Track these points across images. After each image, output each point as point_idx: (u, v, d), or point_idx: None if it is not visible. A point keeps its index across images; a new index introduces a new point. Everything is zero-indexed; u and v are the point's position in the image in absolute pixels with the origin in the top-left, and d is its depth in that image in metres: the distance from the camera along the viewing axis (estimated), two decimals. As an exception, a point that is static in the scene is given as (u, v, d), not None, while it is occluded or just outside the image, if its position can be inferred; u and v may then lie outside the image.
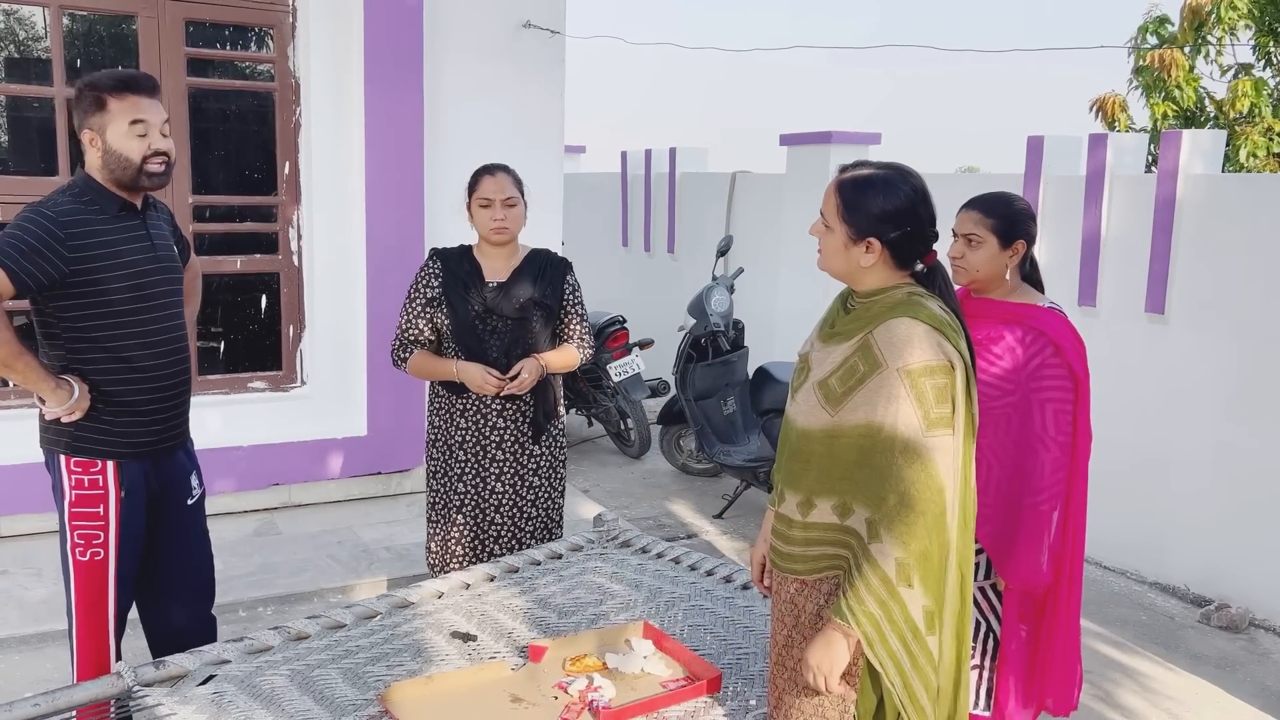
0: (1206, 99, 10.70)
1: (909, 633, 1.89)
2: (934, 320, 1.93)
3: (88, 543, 2.63)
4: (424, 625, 2.79)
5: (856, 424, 1.93)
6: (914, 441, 1.87)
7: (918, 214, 1.99)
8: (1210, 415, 4.49)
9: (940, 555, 1.90)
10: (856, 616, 1.89)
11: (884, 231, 1.97)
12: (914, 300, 1.97)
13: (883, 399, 1.89)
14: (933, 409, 1.87)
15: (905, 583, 1.87)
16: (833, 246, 2.04)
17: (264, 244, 5.14)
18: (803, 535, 2.04)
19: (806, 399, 2.04)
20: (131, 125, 2.51)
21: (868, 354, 1.93)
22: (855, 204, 1.99)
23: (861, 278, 2.04)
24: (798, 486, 2.05)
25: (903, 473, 1.87)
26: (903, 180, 2.01)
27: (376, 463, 5.25)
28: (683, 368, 5.51)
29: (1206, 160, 4.56)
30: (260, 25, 5.02)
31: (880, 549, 1.88)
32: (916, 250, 2.02)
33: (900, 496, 1.87)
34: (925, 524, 1.86)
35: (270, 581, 4.23)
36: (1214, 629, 4.25)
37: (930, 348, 1.89)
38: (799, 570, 2.06)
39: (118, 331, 2.57)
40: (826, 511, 2.00)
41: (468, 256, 3.35)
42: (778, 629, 2.17)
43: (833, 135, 6.41)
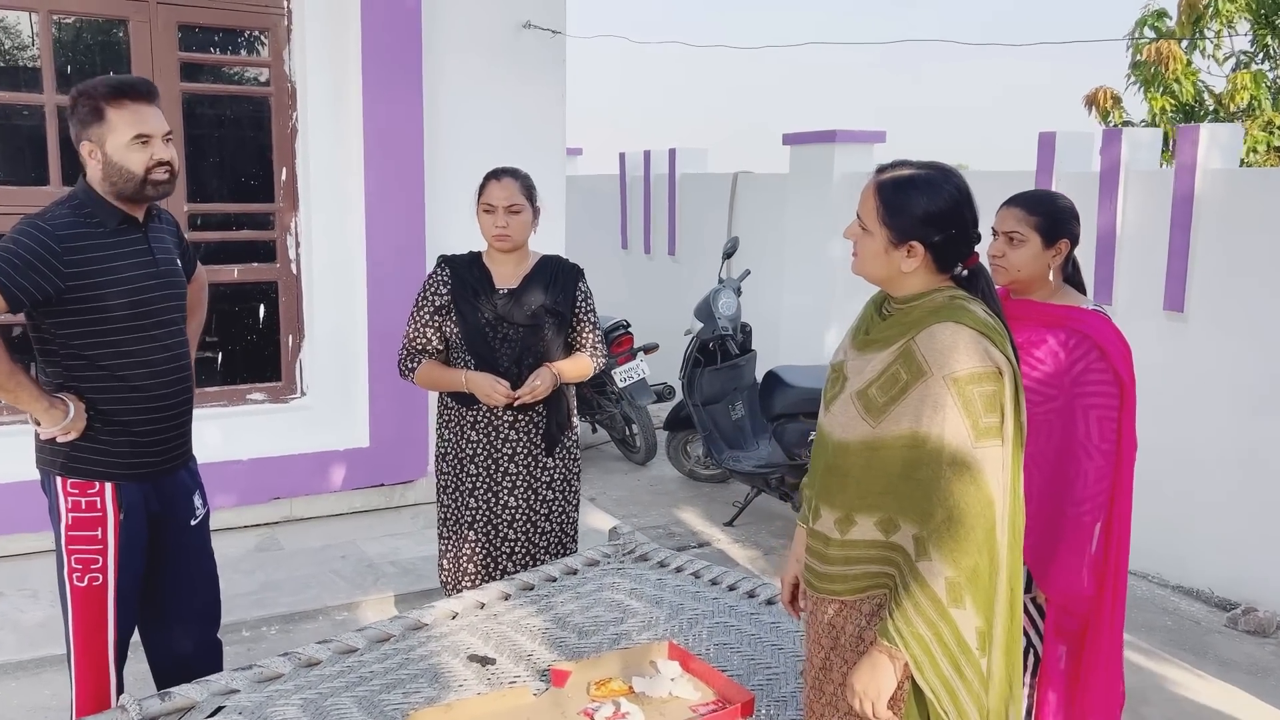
0: (1205, 93, 10.65)
1: (960, 654, 1.79)
2: (980, 325, 1.83)
3: (85, 567, 2.51)
4: (440, 648, 2.68)
5: (899, 435, 1.83)
6: (962, 453, 1.77)
7: (962, 215, 1.89)
8: (1232, 414, 4.40)
9: (990, 571, 1.80)
10: (905, 639, 1.79)
11: (927, 234, 1.87)
12: (957, 304, 1.88)
13: (928, 408, 1.79)
14: (981, 418, 1.78)
15: (956, 603, 1.77)
16: (872, 251, 1.94)
17: (261, 252, 5.02)
18: (842, 554, 1.94)
19: (844, 410, 1.94)
20: (134, 139, 2.40)
21: (910, 361, 1.83)
22: (896, 206, 1.89)
23: (902, 283, 1.93)
24: (834, 502, 1.95)
25: (951, 486, 1.77)
26: (945, 180, 1.91)
27: (379, 474, 5.14)
28: (690, 372, 5.40)
29: (1224, 154, 4.48)
30: (255, 28, 4.91)
31: (929, 567, 1.78)
32: (960, 253, 1.92)
33: (949, 511, 1.77)
34: (975, 540, 1.77)
35: (274, 600, 4.11)
36: (1241, 633, 4.16)
37: (977, 354, 1.80)
38: (838, 591, 1.96)
39: (116, 350, 2.46)
40: (869, 528, 1.89)
41: (477, 263, 3.24)
42: (814, 652, 2.07)
43: (837, 134, 6.32)
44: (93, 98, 2.40)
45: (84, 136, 2.42)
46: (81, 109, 2.41)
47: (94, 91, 2.41)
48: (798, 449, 4.80)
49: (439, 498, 3.36)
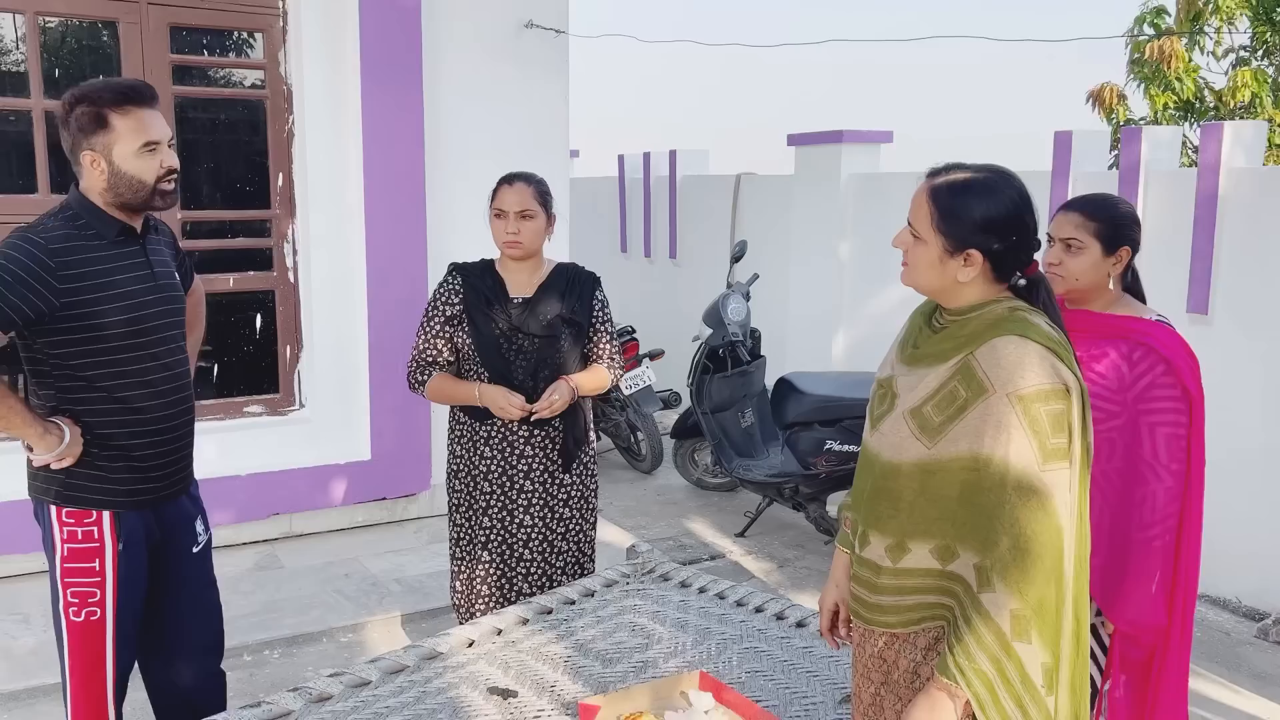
0: (1206, 89, 10.58)
1: (1025, 694, 1.67)
2: (1046, 339, 1.71)
3: (83, 601, 2.37)
4: (457, 680, 2.54)
5: (958, 456, 1.71)
6: (1029, 477, 1.65)
7: (1024, 221, 1.77)
8: (1259, 419, 4.29)
9: (1058, 603, 1.68)
10: (967, 676, 1.66)
11: (986, 242, 1.74)
12: (1019, 317, 1.75)
13: (990, 428, 1.67)
14: (1049, 439, 1.66)
15: (1022, 638, 1.65)
16: (926, 260, 1.80)
17: (258, 260, 4.87)
18: (894, 584, 1.81)
19: (895, 429, 1.81)
20: (143, 146, 2.26)
21: (970, 378, 1.71)
22: (953, 212, 1.75)
23: (957, 293, 1.80)
24: (885, 529, 1.82)
25: (1017, 513, 1.65)
26: (1005, 183, 1.78)
27: (381, 488, 4.99)
28: (698, 379, 5.27)
29: (1248, 153, 4.37)
30: (249, 29, 4.76)
31: (993, 599, 1.66)
32: (1020, 261, 1.79)
33: (1014, 540, 1.65)
34: (1043, 569, 1.64)
35: (276, 621, 3.96)
36: (1272, 644, 4.06)
37: (1044, 370, 1.67)
38: (890, 623, 1.83)
39: (113, 370, 2.32)
40: (924, 556, 1.77)
41: (490, 271, 3.10)
42: (863, 686, 1.95)
43: (844, 134, 6.20)
44: (95, 104, 2.26)
45: (85, 145, 2.27)
46: (84, 116, 2.26)
47: (97, 98, 2.26)
48: (812, 458, 4.68)
49: (451, 516, 3.22)
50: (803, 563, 4.90)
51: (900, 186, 6.26)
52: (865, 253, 6.25)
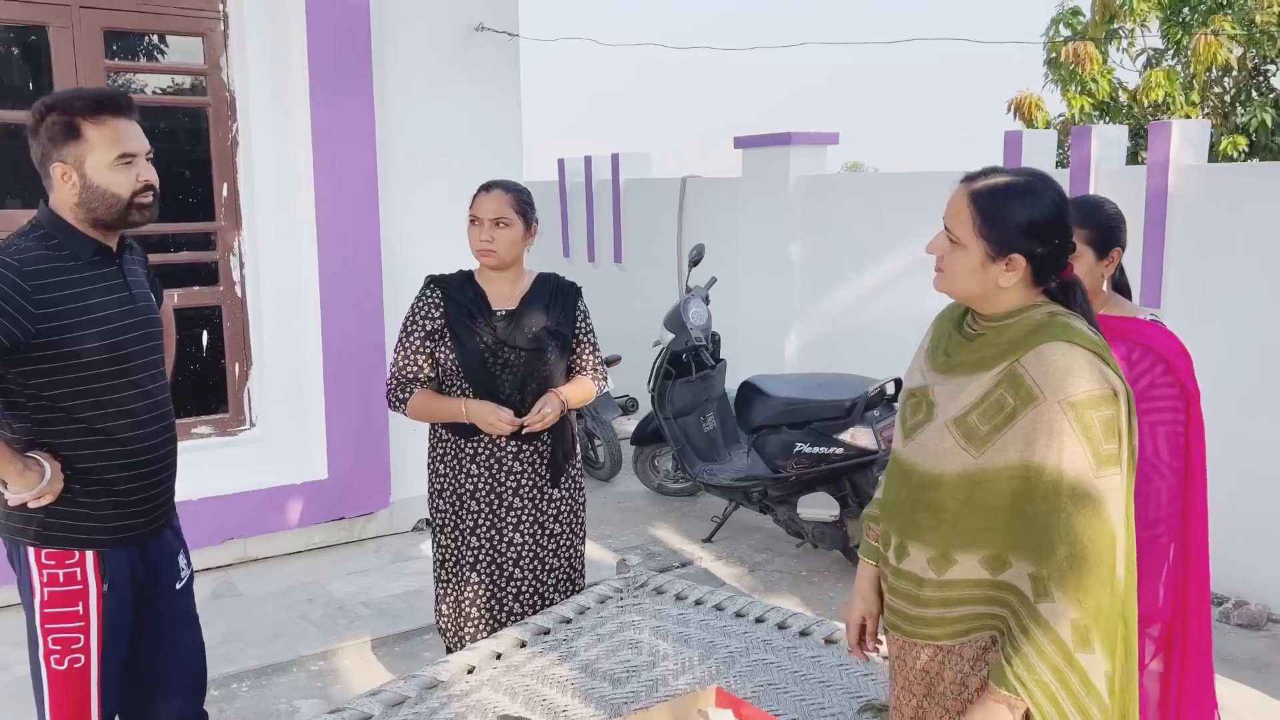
0: (1120, 90, 10.93)
1: (1092, 703, 1.66)
2: (1092, 344, 1.70)
3: (65, 648, 2.21)
4: (464, 709, 2.44)
5: (1007, 465, 1.69)
6: (1084, 484, 1.64)
7: (1065, 224, 1.76)
8: (1214, 410, 4.38)
9: (1112, 607, 1.67)
10: (1028, 687, 1.64)
11: (1030, 246, 1.73)
12: (1060, 321, 1.74)
13: (1042, 436, 1.65)
14: (1102, 446, 1.65)
15: (1084, 647, 1.64)
16: (965, 266, 1.78)
17: (203, 275, 4.66)
18: (939, 595, 1.79)
19: (937, 440, 1.79)
20: (118, 158, 2.12)
21: (1018, 386, 1.69)
22: (996, 216, 1.74)
23: (996, 299, 1.78)
24: (927, 540, 1.79)
25: (1072, 520, 1.64)
26: (1046, 186, 1.77)
27: (339, 508, 4.83)
28: (660, 384, 5.22)
29: (1195, 151, 4.50)
30: (188, 34, 4.55)
31: (1052, 609, 1.64)
32: (1059, 265, 1.78)
33: (1071, 548, 1.64)
34: (1099, 577, 1.64)
35: (241, 653, 3.79)
36: (1234, 627, 4.18)
37: (1094, 376, 1.66)
38: (935, 635, 1.81)
39: (93, 400, 2.17)
40: (973, 567, 1.74)
41: (470, 283, 3.00)
42: (904, 699, 1.92)
43: (792, 136, 6.22)
44: (67, 113, 2.11)
45: (56, 157, 2.12)
46: (54, 127, 2.11)
47: (68, 106, 2.11)
48: (781, 460, 4.66)
49: (435, 538, 3.10)
50: (773, 566, 4.89)
51: (848, 187, 6.32)
52: (816, 254, 6.27)
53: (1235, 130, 10.33)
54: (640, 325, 7.13)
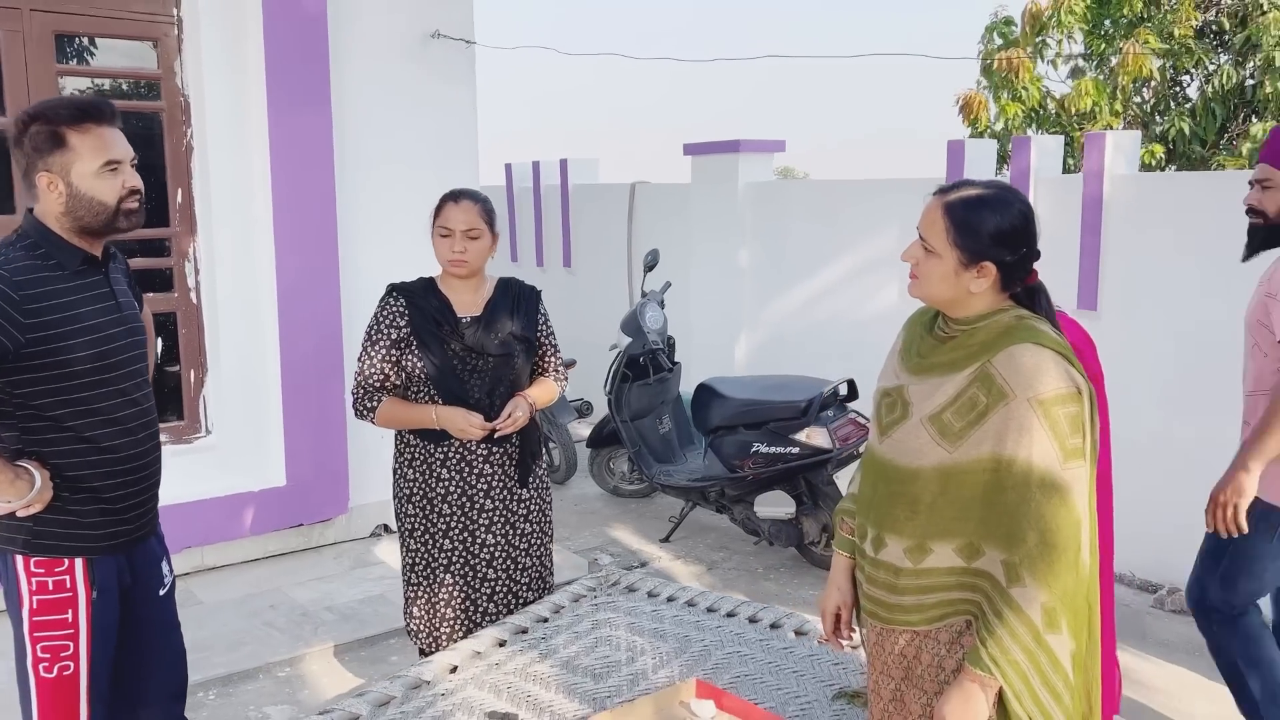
0: (1049, 98, 11.31)
1: (1058, 680, 1.78)
2: (1058, 346, 1.83)
3: (55, 656, 2.21)
4: (451, 707, 2.50)
5: (980, 459, 1.80)
6: (1052, 475, 1.76)
7: (1032, 233, 1.90)
8: (1146, 406, 4.64)
9: (1078, 590, 1.79)
10: (1001, 667, 1.76)
11: (1000, 254, 1.85)
12: (1027, 325, 1.86)
13: (1012, 431, 1.77)
14: (1068, 440, 1.77)
15: (1053, 628, 1.76)
16: (939, 273, 1.90)
17: (157, 281, 4.61)
18: (916, 583, 1.90)
19: (913, 436, 1.90)
20: (104, 165, 2.13)
21: (989, 385, 1.81)
22: (967, 226, 1.86)
23: (967, 304, 1.90)
24: (904, 532, 1.90)
25: (1042, 509, 1.76)
26: (1014, 197, 1.91)
27: (298, 514, 4.81)
28: (617, 388, 5.30)
29: (1128, 160, 4.72)
30: (141, 38, 4.50)
31: (1023, 593, 1.76)
32: (1026, 271, 1.91)
33: (1041, 535, 1.75)
34: (1066, 561, 1.76)
35: (206, 661, 3.76)
36: (1169, 613, 4.39)
37: (1060, 376, 1.79)
38: (913, 621, 1.92)
39: (82, 408, 2.18)
40: (948, 555, 1.86)
41: (433, 290, 3.03)
42: (883, 683, 2.02)
43: (740, 144, 6.35)
44: (51, 122, 2.11)
45: (41, 166, 2.13)
46: (38, 136, 2.11)
47: (52, 115, 2.12)
48: (738, 460, 4.77)
49: (405, 542, 3.13)
50: (730, 564, 4.99)
51: (796, 194, 6.47)
52: (764, 259, 6.41)
53: (1154, 139, 10.76)
54: (589, 329, 7.21)
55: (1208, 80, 10.42)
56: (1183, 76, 11.15)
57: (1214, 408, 4.41)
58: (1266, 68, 9.70)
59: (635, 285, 7.23)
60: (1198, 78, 10.94)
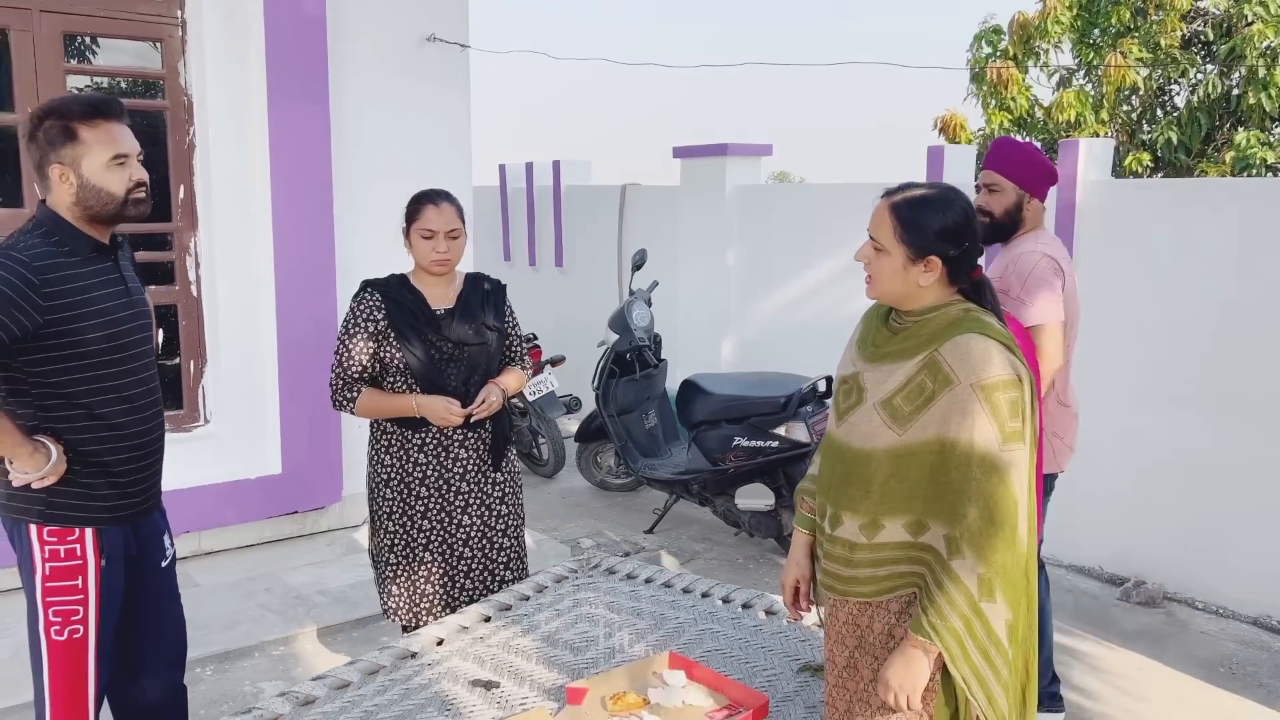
0: (1036, 106, 11.49)
1: (992, 646, 1.92)
2: (1001, 336, 1.97)
3: (65, 620, 2.36)
4: (437, 676, 2.65)
5: (927, 441, 1.94)
6: (992, 456, 1.89)
7: (974, 229, 2.04)
8: (1116, 405, 4.80)
9: (1017, 566, 1.93)
10: (940, 634, 1.90)
11: (944, 249, 2.00)
12: (973, 317, 2.00)
13: (956, 415, 1.91)
14: (1007, 423, 1.90)
15: (988, 597, 1.89)
16: (890, 269, 2.04)
17: (159, 274, 4.76)
18: (869, 557, 2.04)
19: (867, 420, 2.04)
20: (112, 159, 2.28)
21: (936, 372, 1.94)
22: (913, 223, 2.01)
23: (917, 297, 2.04)
24: (858, 509, 2.04)
25: (982, 487, 1.89)
26: (956, 196, 2.05)
27: (293, 501, 4.95)
28: (605, 383, 5.45)
29: (1100, 167, 4.88)
30: (147, 38, 4.65)
31: (962, 564, 1.89)
32: (970, 265, 2.05)
33: (981, 511, 1.89)
34: (1004, 537, 1.89)
35: (204, 639, 3.90)
36: (1134, 605, 4.55)
37: (1003, 363, 1.92)
38: (865, 593, 2.06)
39: (94, 386, 2.32)
40: (897, 531, 2.00)
41: (406, 286, 3.17)
42: (837, 651, 2.15)
43: (729, 147, 6.50)
44: (64, 117, 2.26)
45: (54, 159, 2.28)
46: (52, 130, 2.26)
47: (65, 111, 2.27)
48: (720, 454, 4.92)
49: (380, 525, 3.23)
50: (711, 554, 5.15)
51: (782, 197, 6.62)
52: (751, 260, 6.57)
53: (1141, 147, 10.95)
54: (581, 327, 7.36)
55: (1193, 90, 10.59)
56: (1170, 86, 11.34)
57: (1182, 407, 4.58)
58: (1250, 78, 9.88)
59: (625, 284, 7.38)
60: (1184, 87, 11.12)
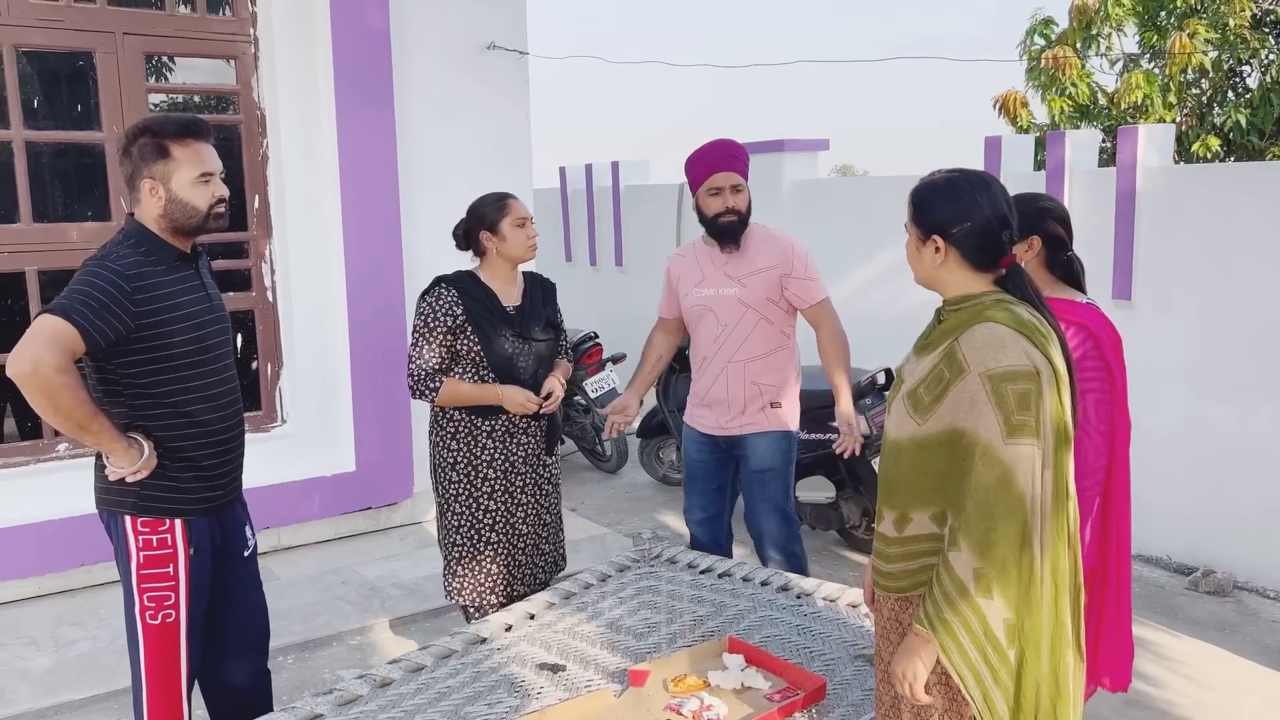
0: (1099, 93, 11.28)
1: (989, 645, 1.85)
2: (1018, 324, 1.89)
3: (159, 605, 2.52)
4: (506, 659, 2.76)
5: (941, 431, 1.91)
6: (994, 448, 1.83)
7: (978, 209, 1.96)
8: (1180, 394, 4.75)
9: (1026, 568, 1.85)
10: (935, 625, 1.86)
11: (945, 228, 1.97)
12: (1001, 306, 1.95)
13: (964, 404, 1.87)
14: (1014, 415, 1.83)
15: (984, 594, 1.83)
16: (910, 252, 2.07)
17: (237, 281, 4.97)
18: (900, 551, 2.01)
19: (898, 411, 2.03)
20: (199, 176, 2.45)
21: (952, 361, 1.91)
22: (921, 205, 2.02)
23: (944, 282, 2.03)
24: (893, 503, 2.02)
25: (981, 480, 1.84)
26: (963, 177, 2.01)
27: (367, 498, 5.14)
28: (665, 379, 5.54)
29: (1160, 153, 4.83)
30: (222, 56, 4.86)
31: (958, 557, 1.85)
32: (989, 250, 1.98)
33: (978, 504, 1.83)
34: (1005, 535, 1.82)
35: (285, 629, 4.09)
36: (1203, 595, 4.50)
37: (1014, 352, 1.86)
38: (902, 587, 2.02)
39: (181, 386, 2.49)
40: (925, 523, 1.96)
41: (478, 282, 3.35)
42: (884, 647, 2.13)
43: (785, 143, 6.55)
44: (158, 135, 2.43)
45: (146, 174, 2.44)
46: (146, 147, 2.43)
47: (159, 129, 2.44)
48: (779, 448, 4.96)
49: (449, 507, 3.41)
50: (773, 547, 5.19)
51: (838, 191, 6.65)
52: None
53: (1211, 131, 10.68)
54: (641, 325, 7.39)
55: (1265, 71, 10.30)
56: (1242, 67, 11.04)
57: (1246, 394, 4.52)
58: (1324, 57, 9.59)
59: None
60: (1255, 69, 10.82)
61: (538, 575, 3.54)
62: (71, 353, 2.28)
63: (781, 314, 3.71)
